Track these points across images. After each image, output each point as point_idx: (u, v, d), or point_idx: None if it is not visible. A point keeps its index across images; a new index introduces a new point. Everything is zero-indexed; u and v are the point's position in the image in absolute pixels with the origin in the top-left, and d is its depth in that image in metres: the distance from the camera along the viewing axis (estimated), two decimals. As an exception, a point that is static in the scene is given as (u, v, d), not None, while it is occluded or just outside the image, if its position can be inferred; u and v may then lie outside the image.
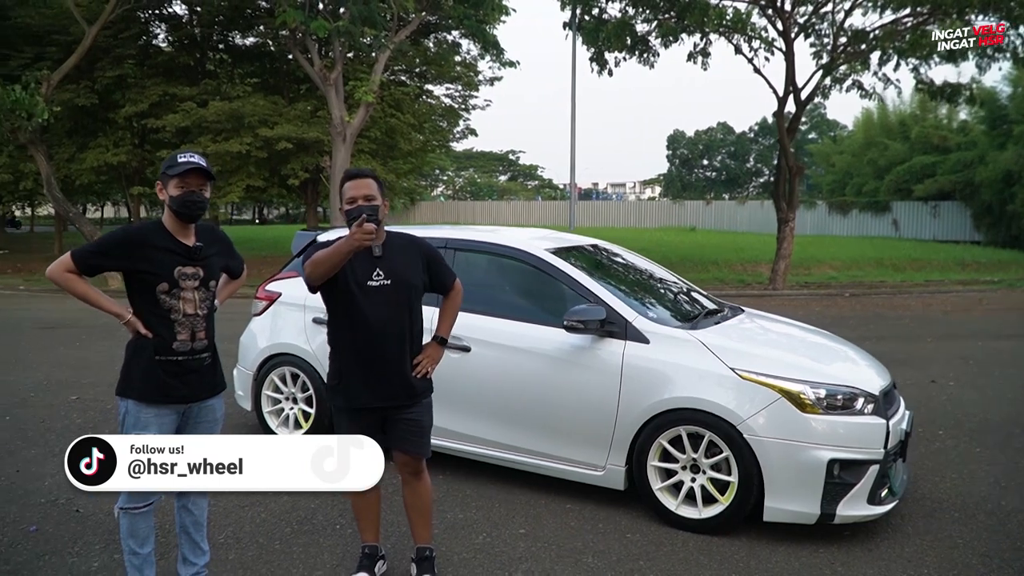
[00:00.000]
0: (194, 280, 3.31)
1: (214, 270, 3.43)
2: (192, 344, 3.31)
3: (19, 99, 16.10)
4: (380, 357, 3.53)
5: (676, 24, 16.94)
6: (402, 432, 3.63)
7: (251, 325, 5.96)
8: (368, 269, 3.51)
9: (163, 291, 3.23)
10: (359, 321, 3.50)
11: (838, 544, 4.21)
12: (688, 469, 4.40)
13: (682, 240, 33.18)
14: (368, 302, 3.49)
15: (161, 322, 3.25)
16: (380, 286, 3.51)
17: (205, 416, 3.44)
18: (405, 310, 3.58)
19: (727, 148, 72.54)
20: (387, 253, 3.56)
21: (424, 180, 59.40)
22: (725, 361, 4.36)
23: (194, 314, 3.31)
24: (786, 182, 18.27)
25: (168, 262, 3.25)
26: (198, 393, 3.38)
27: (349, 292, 3.48)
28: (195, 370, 3.34)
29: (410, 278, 3.58)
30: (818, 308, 14.89)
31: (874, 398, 4.35)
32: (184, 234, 3.32)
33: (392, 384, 3.56)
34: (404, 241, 3.68)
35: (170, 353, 3.26)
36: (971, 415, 6.86)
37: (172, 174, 3.24)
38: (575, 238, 5.94)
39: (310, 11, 17.52)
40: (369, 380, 3.54)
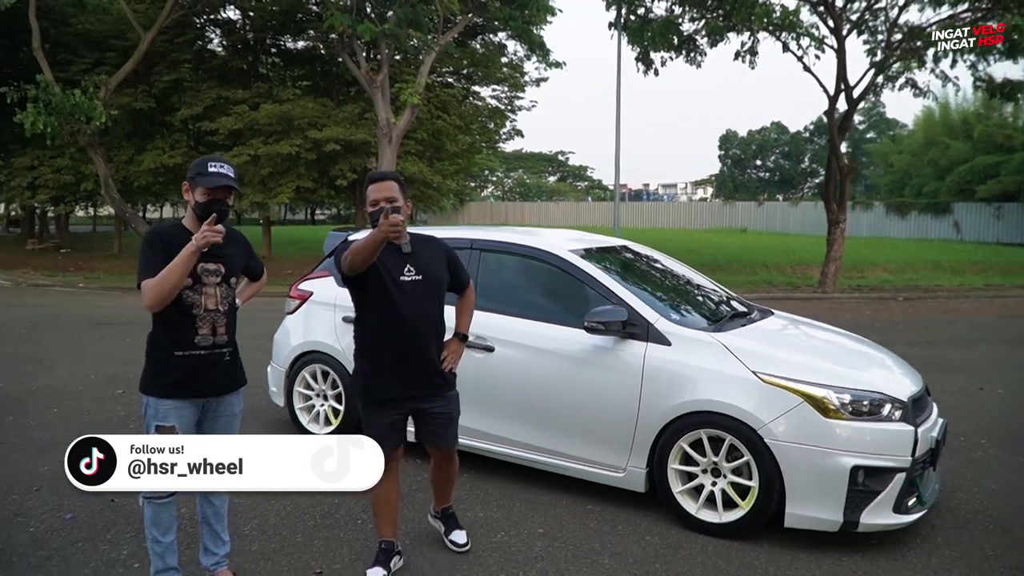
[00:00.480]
0: (216, 276, 3.40)
1: (234, 267, 3.53)
2: (213, 339, 3.39)
3: (78, 103, 16.66)
4: (414, 350, 3.68)
5: (723, 23, 16.76)
6: (432, 425, 3.82)
7: (284, 323, 6.07)
8: (400, 265, 3.65)
9: (187, 286, 3.32)
10: (394, 316, 3.63)
11: (862, 553, 4.13)
12: (709, 473, 4.36)
13: (732, 241, 32.80)
14: (402, 297, 3.63)
15: (183, 317, 3.34)
16: (412, 281, 3.65)
17: (224, 411, 3.52)
18: (435, 304, 3.75)
19: (781, 148, 71.35)
20: (415, 250, 3.71)
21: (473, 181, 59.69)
22: (747, 364, 4.32)
23: (215, 309, 3.40)
24: (837, 183, 17.93)
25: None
26: (218, 387, 3.47)
27: (383, 288, 3.60)
28: (215, 364, 3.42)
29: (438, 274, 3.75)
30: (868, 312, 14.58)
31: (902, 404, 4.26)
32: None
33: (424, 377, 3.72)
34: (426, 240, 3.83)
35: (191, 348, 3.35)
36: (1018, 424, 6.65)
37: (203, 184, 3.36)
38: (603, 239, 5.92)
39: (357, 14, 17.75)
40: (403, 374, 3.67)
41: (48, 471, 5.13)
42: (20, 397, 7.07)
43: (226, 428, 3.54)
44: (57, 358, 8.90)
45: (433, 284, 3.72)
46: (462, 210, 49.77)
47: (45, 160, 23.52)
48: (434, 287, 3.73)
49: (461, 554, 4.04)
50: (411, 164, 22.28)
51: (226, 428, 3.54)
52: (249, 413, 6.51)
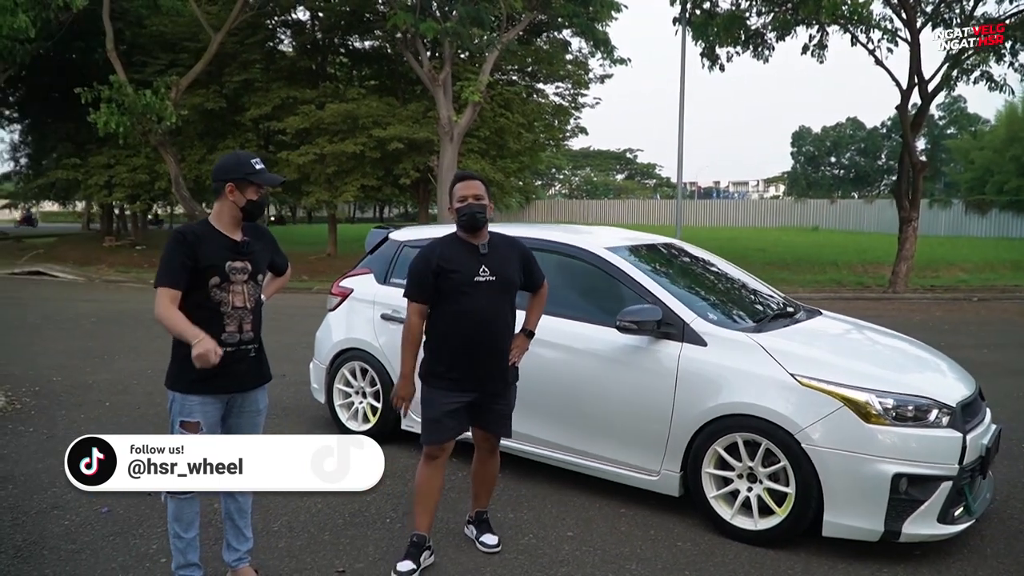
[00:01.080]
0: (243, 274, 3.42)
1: (260, 265, 3.55)
2: (240, 336, 3.41)
3: (150, 103, 17.17)
4: (483, 347, 3.80)
5: (791, 16, 16.34)
6: (492, 416, 3.94)
7: (326, 320, 6.11)
8: (475, 266, 3.77)
9: (215, 284, 3.35)
10: (466, 313, 3.77)
11: (904, 564, 3.94)
12: (744, 478, 4.22)
13: (802, 240, 32.04)
14: (476, 296, 3.77)
15: (211, 315, 3.35)
16: (486, 281, 3.78)
17: (249, 406, 3.54)
18: (507, 304, 3.86)
19: (856, 144, 69.38)
20: (491, 251, 3.83)
21: (540, 179, 59.58)
22: (785, 366, 4.16)
23: (243, 307, 3.41)
24: (909, 180, 17.33)
25: (220, 256, 3.37)
26: (244, 383, 3.49)
27: (458, 287, 3.76)
28: (242, 360, 3.44)
29: (510, 275, 3.85)
30: (939, 313, 14.04)
31: (951, 410, 4.05)
32: (234, 231, 3.44)
33: (492, 373, 3.85)
34: (504, 241, 3.95)
35: (218, 344, 3.34)
36: (1087, 432, 6.28)
37: (257, 181, 3.42)
38: (647, 237, 5.79)
39: (421, 13, 17.86)
40: (471, 367, 3.80)
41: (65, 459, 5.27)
42: (74, 390, 7.29)
43: (250, 423, 3.56)
44: (117, 353, 9.16)
45: (505, 285, 3.83)
46: (528, 208, 49.76)
47: (121, 159, 24.31)
48: (506, 287, 3.83)
49: (486, 555, 3.99)
50: (473, 162, 22.33)
51: (250, 423, 3.56)
52: (293, 410, 6.65)
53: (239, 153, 3.58)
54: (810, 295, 16.45)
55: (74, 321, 11.74)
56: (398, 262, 5.74)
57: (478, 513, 4.16)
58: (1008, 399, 7.30)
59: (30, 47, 18.92)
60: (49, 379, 7.72)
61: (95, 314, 12.66)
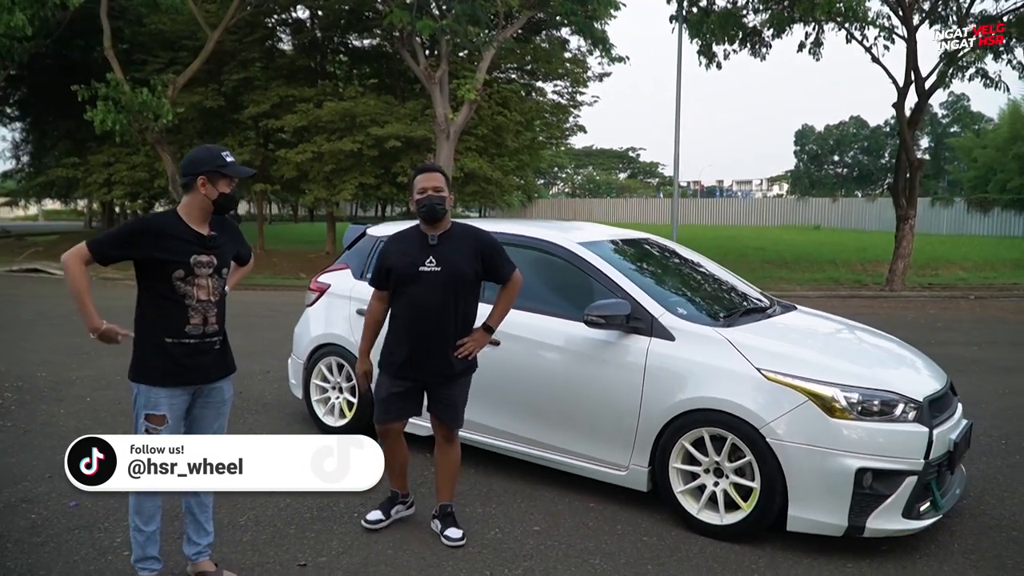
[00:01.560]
0: (208, 268, 3.43)
1: (226, 258, 3.56)
2: (204, 328, 3.43)
3: (146, 101, 17.21)
4: (424, 336, 3.91)
5: (787, 13, 16.31)
6: (439, 405, 4.06)
7: (304, 315, 6.12)
8: (422, 256, 3.88)
9: (179, 278, 3.36)
10: (410, 303, 3.92)
11: (869, 559, 3.93)
12: (711, 472, 4.21)
13: (803, 239, 31.96)
14: (420, 286, 3.89)
15: (175, 307, 3.37)
16: (431, 272, 3.88)
17: (214, 397, 3.56)
18: (451, 294, 3.89)
19: (860, 143, 69.15)
20: (442, 242, 3.91)
21: (542, 178, 59.54)
22: (752, 360, 4.15)
23: (207, 300, 3.43)
24: (906, 177, 17.30)
25: (185, 250, 3.38)
26: (209, 375, 3.51)
27: (403, 277, 3.91)
28: (206, 352, 3.46)
29: (459, 266, 3.89)
30: (933, 311, 14.00)
31: (917, 404, 4.04)
32: (201, 225, 3.45)
33: (432, 362, 3.94)
34: (464, 232, 4.01)
35: (182, 336, 3.38)
36: (1069, 429, 6.25)
37: (229, 173, 3.43)
38: (624, 232, 5.78)
39: (418, 11, 17.86)
40: (414, 356, 3.93)
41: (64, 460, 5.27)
42: (57, 386, 7.30)
43: (216, 413, 3.57)
44: (103, 350, 8.99)
45: (451, 276, 3.88)
46: (531, 207, 49.75)
47: (121, 157, 24.34)
48: (452, 279, 3.88)
49: (449, 550, 3.99)
50: (471, 160, 22.32)
51: (216, 413, 3.57)
52: (274, 405, 6.66)
53: (209, 146, 3.57)
54: (807, 293, 16.44)
55: (65, 318, 11.76)
56: (375, 258, 5.74)
57: (442, 507, 4.18)
58: (992, 396, 7.28)
59: (28, 45, 18.94)
60: (34, 375, 7.73)
61: (88, 311, 12.68)
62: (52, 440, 5.66)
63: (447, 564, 3.85)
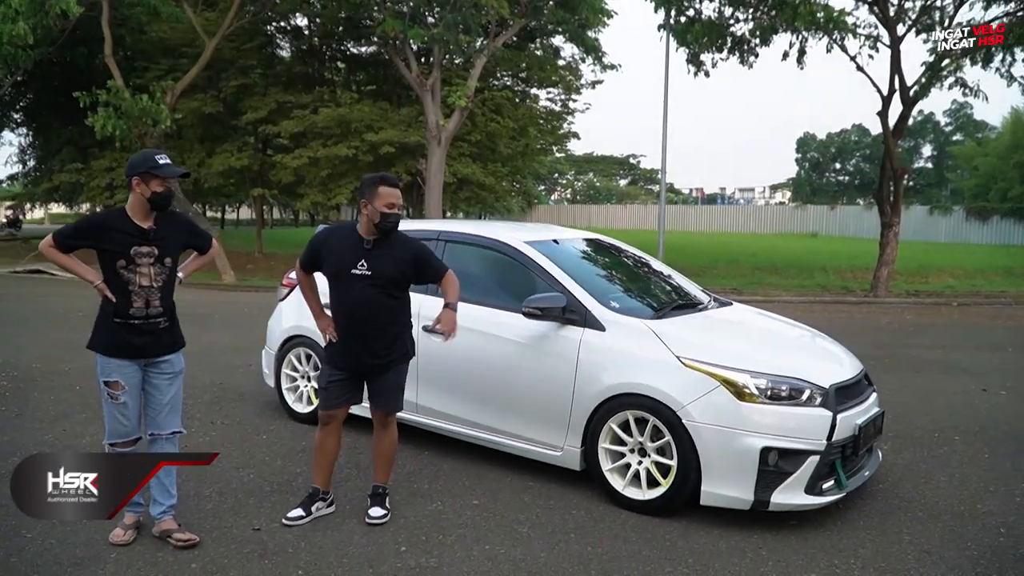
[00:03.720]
0: (149, 257, 3.93)
1: (169, 249, 4.03)
2: (147, 310, 3.93)
3: (146, 107, 17.62)
4: (355, 332, 4.24)
5: (769, 22, 16.67)
6: (373, 391, 4.37)
7: (277, 309, 6.51)
8: (355, 259, 4.19)
9: (121, 266, 3.87)
10: (342, 302, 4.24)
11: (774, 531, 4.29)
12: (636, 452, 4.58)
13: (797, 246, 32.32)
14: (349, 286, 4.19)
15: (120, 292, 3.89)
16: (361, 275, 4.18)
17: (164, 369, 4.06)
18: (382, 296, 4.21)
19: (862, 151, 69.43)
20: (375, 248, 4.21)
21: (542, 184, 59.93)
22: (672, 349, 4.52)
23: (149, 286, 3.93)
24: (890, 185, 17.63)
25: (125, 242, 3.88)
26: (155, 351, 4.00)
27: (338, 277, 4.23)
28: (150, 332, 3.96)
29: (390, 273, 4.20)
30: (910, 316, 14.31)
31: (823, 391, 4.40)
32: (145, 219, 3.93)
33: (364, 355, 4.26)
34: (402, 242, 4.30)
35: (127, 317, 3.90)
36: (1001, 424, 6.58)
37: (160, 175, 3.89)
38: (573, 233, 6.16)
39: (411, 20, 18.29)
40: (349, 347, 4.27)
41: (51, 439, 5.71)
42: (50, 376, 7.70)
43: (168, 382, 4.06)
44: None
45: (381, 281, 4.17)
46: (530, 212, 50.18)
47: (122, 162, 24.70)
48: (382, 284, 4.17)
49: (391, 519, 4.35)
50: (464, 166, 22.73)
51: (168, 382, 4.06)
52: (249, 396, 7.05)
53: (145, 151, 4.14)
54: (791, 299, 16.76)
55: (64, 315, 12.19)
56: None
57: (374, 487, 4.47)
58: (940, 395, 7.61)
59: (33, 53, 19.39)
60: (29, 366, 8.14)
61: (85, 309, 13.05)
62: (42, 423, 6.11)
63: (388, 529, 4.24)
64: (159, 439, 4.07)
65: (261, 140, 25.12)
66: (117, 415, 3.93)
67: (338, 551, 3.98)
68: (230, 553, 3.93)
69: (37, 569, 3.74)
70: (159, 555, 3.89)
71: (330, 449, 4.40)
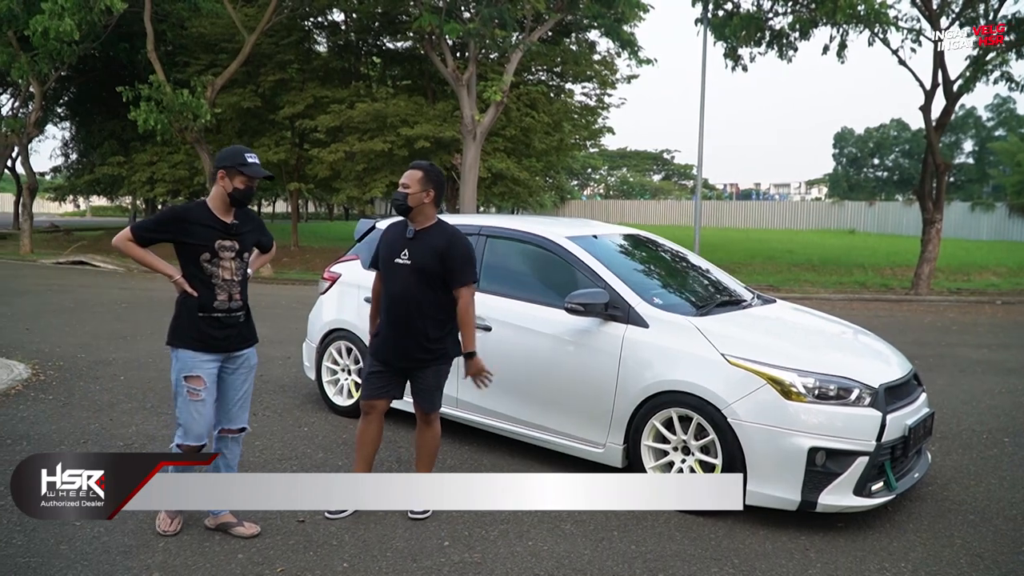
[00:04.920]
0: (231, 252, 3.98)
1: (248, 244, 4.10)
2: (229, 304, 3.99)
3: (187, 102, 17.88)
4: (396, 323, 4.25)
5: (809, 16, 16.45)
6: (415, 388, 4.37)
7: (318, 302, 6.55)
8: (398, 248, 4.24)
9: (205, 260, 3.93)
10: (386, 292, 4.31)
11: (822, 533, 4.23)
12: (679, 450, 4.54)
13: (835, 243, 31.87)
14: (394, 276, 4.25)
15: (204, 285, 3.94)
16: (402, 264, 4.21)
17: (242, 363, 4.12)
18: (422, 287, 4.21)
19: (901, 146, 68.21)
20: (418, 237, 4.23)
21: (576, 179, 59.73)
22: (717, 346, 4.47)
23: (230, 279, 3.99)
24: (932, 180, 17.33)
25: (210, 236, 3.93)
26: (235, 344, 4.06)
27: (386, 267, 4.31)
28: (232, 325, 4.02)
29: (426, 262, 4.19)
30: (952, 315, 14.06)
31: (872, 391, 4.33)
32: (225, 214, 3.99)
33: (406, 348, 4.24)
34: (443, 231, 4.29)
35: (212, 311, 3.95)
36: (1054, 425, 6.45)
37: (245, 172, 3.93)
38: (614, 228, 6.12)
39: (446, 15, 18.30)
40: (390, 340, 4.28)
41: (97, 428, 5.78)
42: (95, 366, 7.82)
43: (243, 378, 4.13)
44: (140, 334, 9.72)
45: (417, 270, 4.18)
46: (563, 207, 50.04)
47: (163, 156, 25.15)
48: (417, 273, 4.17)
49: (432, 514, 4.35)
50: (498, 161, 22.70)
51: (243, 378, 4.13)
52: (290, 387, 7.10)
53: (237, 146, 4.16)
54: (830, 296, 16.55)
55: (107, 306, 12.38)
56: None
57: None
58: (987, 395, 7.47)
59: (77, 48, 19.75)
60: (74, 356, 8.28)
61: (127, 300, 13.30)
62: (88, 412, 6.20)
63: (430, 524, 4.24)
64: (226, 437, 4.13)
65: (298, 134, 25.28)
66: (194, 413, 3.91)
67: (382, 544, 3.99)
68: (276, 544, 3.97)
69: (86, 557, 3.80)
70: (206, 545, 3.93)
71: (370, 439, 4.41)
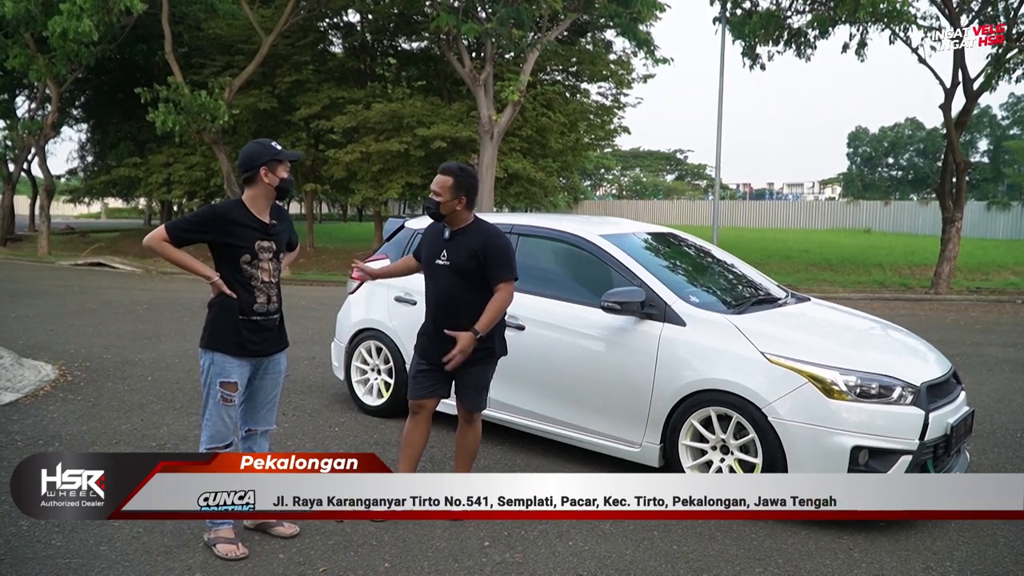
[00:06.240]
0: (269, 252, 3.89)
1: (283, 243, 4.01)
2: (268, 306, 3.89)
3: (205, 103, 17.94)
4: (439, 322, 4.24)
5: (827, 14, 16.37)
6: (459, 386, 4.35)
7: (346, 302, 6.54)
8: (437, 250, 4.24)
9: (245, 261, 3.81)
10: (429, 291, 4.35)
11: (865, 532, 4.19)
12: (718, 449, 4.51)
13: (851, 242, 31.69)
14: (437, 278, 4.28)
15: (243, 287, 3.82)
16: (442, 265, 4.21)
17: (273, 368, 4.02)
18: (464, 287, 4.19)
19: (915, 145, 67.85)
20: (454, 238, 4.22)
21: (589, 179, 59.63)
22: (756, 345, 4.44)
23: (269, 281, 3.88)
24: (952, 179, 17.22)
25: (250, 236, 3.82)
26: (270, 348, 3.96)
27: (428, 268, 4.34)
28: (269, 328, 3.91)
29: (465, 262, 4.17)
30: (975, 314, 13.96)
31: (914, 389, 4.29)
32: (263, 213, 3.87)
33: (446, 346, 4.15)
34: (480, 231, 4.25)
35: (251, 314, 3.83)
36: (1088, 423, 6.38)
37: (284, 159, 3.84)
38: (645, 227, 6.09)
39: (463, 15, 18.31)
40: (431, 340, 4.28)
41: (129, 428, 5.79)
42: (122, 367, 7.84)
43: (273, 383, 4.04)
44: (164, 335, 9.75)
45: (456, 271, 4.18)
46: (577, 207, 49.95)
47: (179, 157, 25.24)
48: (457, 274, 4.18)
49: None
50: (515, 161, 22.69)
51: (273, 383, 4.04)
52: (317, 387, 7.10)
53: (259, 140, 4.03)
54: (849, 295, 16.45)
55: (128, 307, 12.41)
56: (412, 248, 6.13)
57: None
58: (1017, 394, 7.42)
59: (95, 50, 19.86)
60: (100, 356, 8.30)
61: (148, 301, 13.34)
62: (118, 412, 6.20)
63: (470, 524, 4.21)
64: (254, 435, 4.08)
65: (313, 135, 25.34)
66: (224, 417, 3.85)
67: (422, 545, 3.97)
68: (316, 545, 3.95)
69: (127, 558, 3.79)
70: (246, 545, 3.91)
71: (417, 439, 4.38)
